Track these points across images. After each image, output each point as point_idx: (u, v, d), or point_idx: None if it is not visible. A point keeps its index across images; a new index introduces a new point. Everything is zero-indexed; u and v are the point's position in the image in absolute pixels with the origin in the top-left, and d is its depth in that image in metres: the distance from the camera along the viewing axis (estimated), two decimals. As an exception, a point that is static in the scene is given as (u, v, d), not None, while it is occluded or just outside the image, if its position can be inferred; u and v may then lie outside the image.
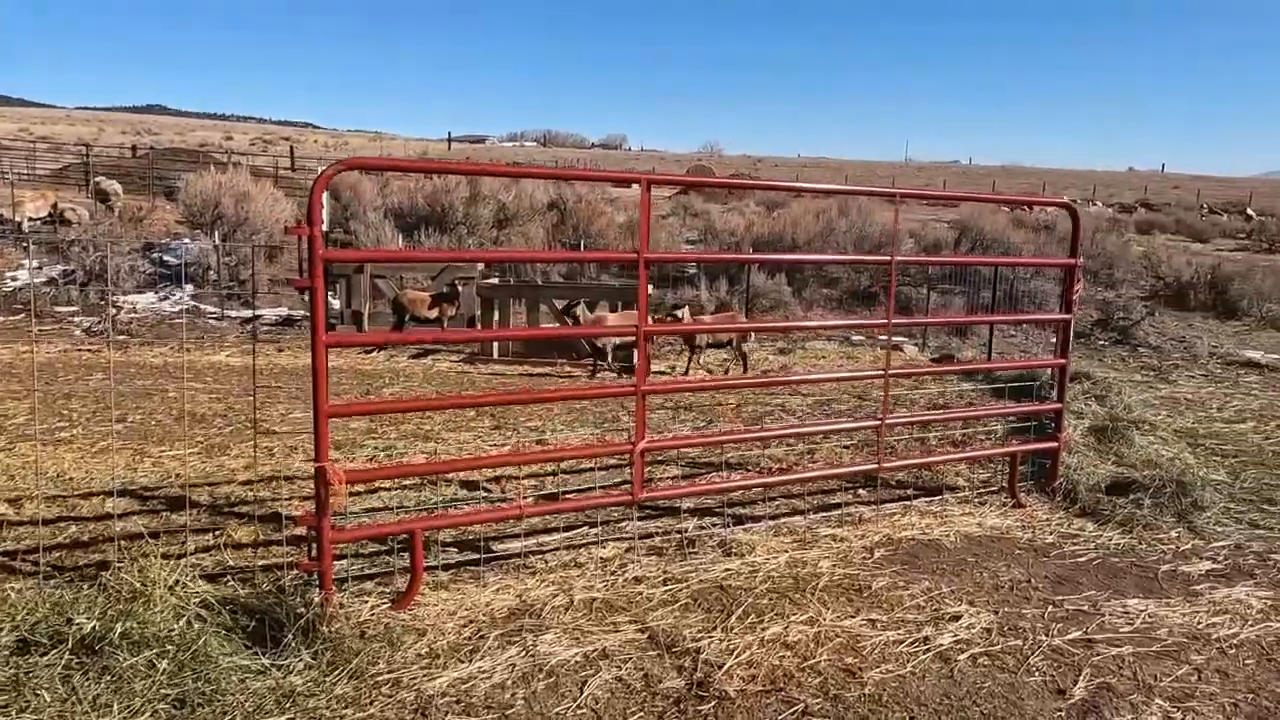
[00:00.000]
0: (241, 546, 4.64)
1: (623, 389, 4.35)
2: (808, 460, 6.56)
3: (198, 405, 7.94)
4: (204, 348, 13.34)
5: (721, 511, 5.41)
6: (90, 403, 7.75)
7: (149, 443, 6.54)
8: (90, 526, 4.84)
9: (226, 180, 18.39)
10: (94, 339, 13.82)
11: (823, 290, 17.99)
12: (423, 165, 3.99)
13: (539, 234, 20.03)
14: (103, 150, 43.70)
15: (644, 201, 4.15)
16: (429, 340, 4.35)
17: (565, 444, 6.17)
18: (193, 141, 69.78)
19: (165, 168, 31.83)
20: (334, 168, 3.62)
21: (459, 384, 9.97)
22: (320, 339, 3.61)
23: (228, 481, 5.73)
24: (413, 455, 6.44)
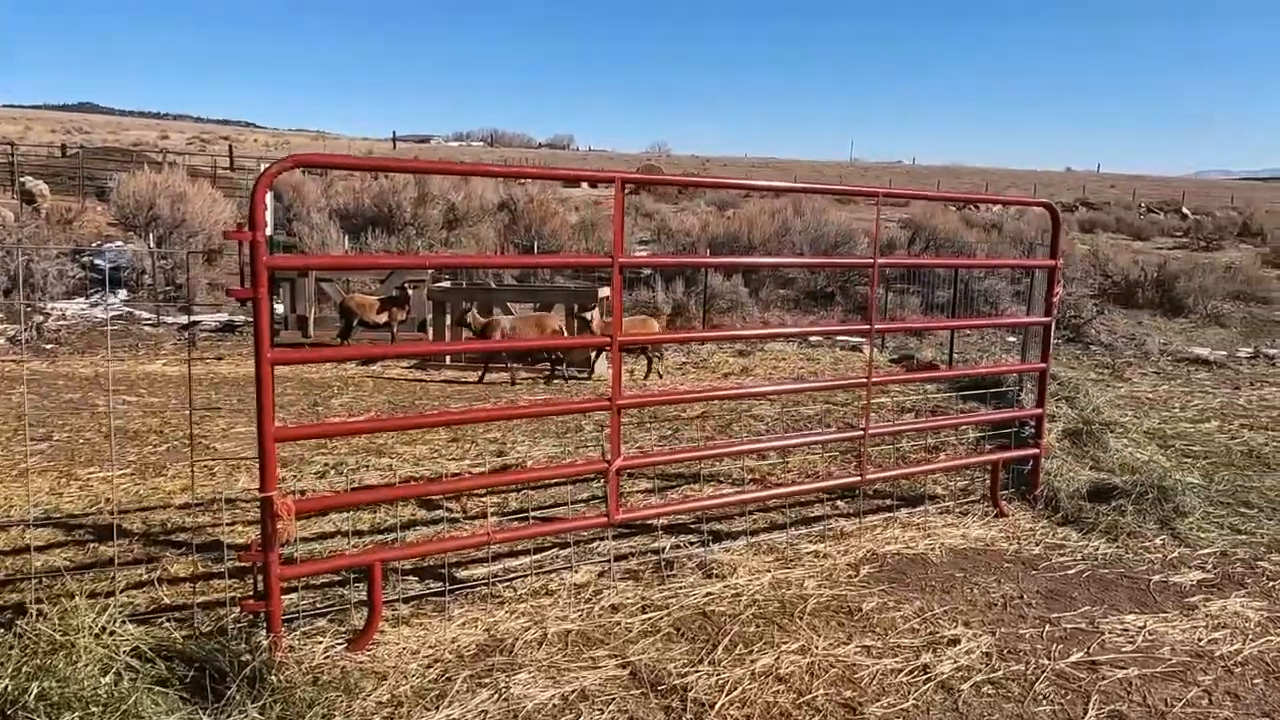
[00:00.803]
0: (179, 581, 4.24)
1: (597, 403, 4.05)
2: (782, 471, 6.32)
3: (130, 421, 7.43)
4: (138, 357, 12.68)
5: (698, 528, 5.15)
6: (11, 420, 7.20)
7: (76, 464, 6.05)
8: (8, 562, 4.39)
9: (161, 180, 17.63)
10: (18, 349, 13.06)
11: (779, 291, 17.86)
12: (371, 163, 3.66)
13: (490, 235, 19.60)
14: (30, 149, 41.99)
15: (618, 201, 3.86)
16: (378, 354, 4.02)
17: (535, 465, 5.84)
18: (126, 140, 67.64)
19: (97, 167, 30.61)
20: (278, 165, 3.26)
21: (411, 393, 9.56)
22: (265, 355, 3.25)
23: (164, 506, 5.29)
24: (365, 473, 6.05)
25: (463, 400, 8.97)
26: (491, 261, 12.63)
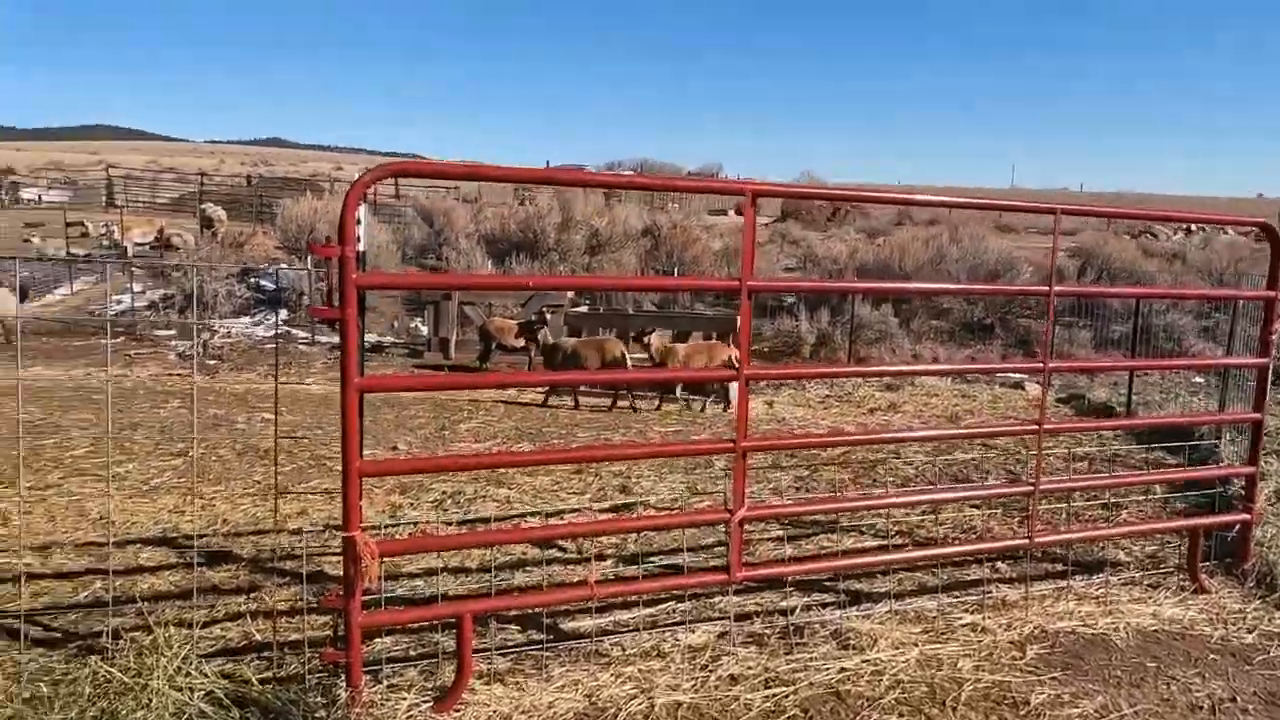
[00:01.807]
0: (275, 615, 4.03)
1: (720, 445, 3.58)
2: (932, 524, 5.63)
3: (265, 439, 7.51)
4: (290, 373, 13.14)
5: (833, 585, 4.56)
6: (155, 434, 7.40)
7: (204, 481, 6.07)
8: (118, 583, 4.32)
9: (322, 206, 18.46)
10: (186, 363, 13.81)
11: (932, 322, 16.83)
12: (466, 171, 3.35)
13: (632, 261, 19.47)
14: (221, 180, 45.49)
15: (748, 217, 3.40)
16: (467, 385, 3.68)
17: (655, 513, 5.41)
18: (305, 172, 72.47)
19: (272, 195, 32.72)
20: (371, 175, 2.99)
21: (540, 419, 9.35)
22: (352, 382, 2.97)
23: (277, 530, 5.18)
24: (482, 504, 5.79)
25: (591, 430, 8.66)
26: (615, 283, 12.41)
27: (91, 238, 21.48)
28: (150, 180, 42.61)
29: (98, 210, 32.24)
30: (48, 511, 5.31)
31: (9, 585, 4.27)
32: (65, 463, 6.38)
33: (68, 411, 8.37)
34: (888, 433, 5.83)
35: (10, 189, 35.73)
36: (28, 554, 4.62)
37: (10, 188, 35.87)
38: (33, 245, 19.90)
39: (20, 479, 4.87)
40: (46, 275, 18.32)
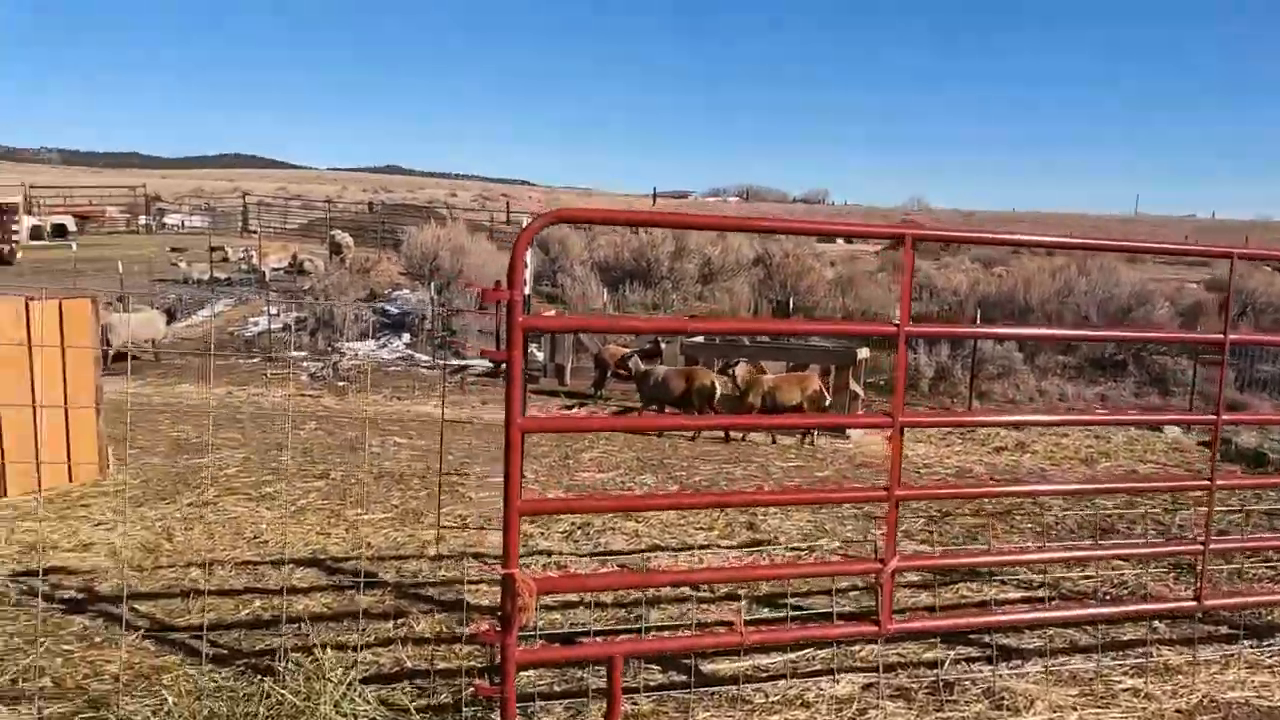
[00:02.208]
0: (423, 641, 4.14)
1: (871, 493, 3.51)
2: (1080, 576, 5.37)
3: (400, 464, 7.77)
4: (414, 397, 13.58)
5: (978, 639, 4.40)
6: (299, 455, 7.74)
7: (346, 504, 6.31)
8: (274, 602, 4.52)
9: (445, 234, 19.10)
10: (317, 384, 14.44)
11: (1059, 357, 16.17)
12: (632, 217, 3.40)
13: (744, 290, 19.43)
14: (345, 207, 47.67)
15: (907, 261, 3.34)
16: (622, 427, 3.71)
17: (796, 561, 5.33)
18: (421, 198, 75.21)
19: (394, 222, 34.07)
20: (540, 221, 3.07)
21: (660, 450, 9.37)
22: (515, 421, 3.04)
23: (417, 556, 5.33)
24: (611, 536, 5.83)
25: (712, 463, 8.64)
26: (765, 327, 12.31)
27: (231, 262, 22.79)
28: (281, 207, 44.97)
29: (234, 235, 34.22)
30: (206, 529, 5.61)
31: (178, 600, 4.53)
32: (219, 481, 6.74)
33: (217, 430, 8.85)
34: (1046, 484, 5.60)
35: (157, 215, 38.27)
36: (194, 570, 4.89)
37: (157, 214, 38.43)
38: (179, 269, 21.25)
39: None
40: (191, 298, 19.50)
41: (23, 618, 4.23)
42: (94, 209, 36.90)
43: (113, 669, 3.74)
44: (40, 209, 34.10)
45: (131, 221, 36.75)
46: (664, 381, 11.27)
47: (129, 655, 3.87)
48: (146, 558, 5.09)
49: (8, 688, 3.48)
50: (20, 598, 4.43)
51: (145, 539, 5.37)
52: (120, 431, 7.67)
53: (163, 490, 6.39)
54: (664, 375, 11.35)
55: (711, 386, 11.07)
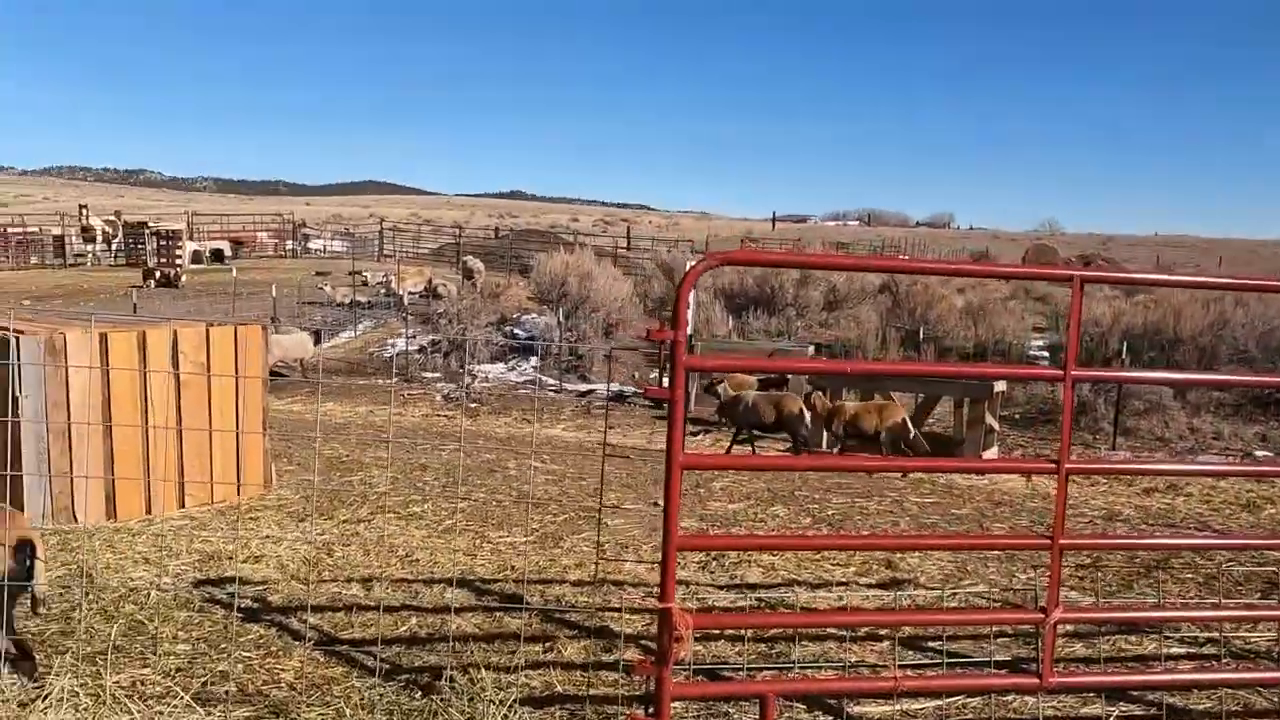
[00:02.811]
0: (571, 667, 4.26)
1: (1032, 541, 3.42)
2: (1248, 630, 5.04)
3: (536, 487, 7.99)
4: (542, 420, 13.91)
5: (1143, 696, 4.19)
6: (441, 475, 8.07)
7: (488, 526, 6.54)
8: (429, 620, 4.74)
9: (573, 260, 19.57)
10: (450, 405, 14.99)
11: (1213, 393, 15.20)
12: (797, 259, 3.43)
13: (871, 317, 19.10)
14: (473, 232, 49.41)
15: (1075, 302, 3.26)
16: (782, 467, 3.73)
17: (954, 611, 5.22)
18: (545, 223, 77.21)
19: (520, 247, 35.10)
20: (703, 264, 3.15)
21: (790, 481, 9.30)
22: (677, 459, 3.12)
23: (560, 580, 5.48)
24: (747, 569, 5.83)
25: (845, 495, 8.52)
26: (920, 370, 11.90)
27: (370, 286, 23.95)
28: (413, 231, 46.98)
29: (371, 259, 35.94)
30: (362, 546, 5.92)
31: (341, 613, 4.79)
32: (370, 499, 7.10)
33: (364, 449, 9.31)
34: (1222, 538, 5.30)
35: (303, 240, 40.60)
36: (354, 585, 5.17)
37: (302, 239, 40.77)
38: (324, 292, 22.49)
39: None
40: (334, 320, 20.59)
41: (206, 624, 4.57)
42: (247, 234, 39.47)
43: (288, 677, 4.00)
44: (200, 235, 36.73)
45: (279, 246, 39.12)
46: (753, 407, 11.25)
47: (300, 665, 4.13)
48: (310, 571, 5.41)
49: (200, 690, 3.76)
50: (203, 605, 4.79)
51: (308, 553, 5.71)
52: (279, 448, 8.18)
53: (321, 507, 6.77)
54: (753, 401, 11.33)
55: (800, 414, 11.02)
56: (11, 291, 23.02)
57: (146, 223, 34.96)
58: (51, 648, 4.08)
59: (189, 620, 4.59)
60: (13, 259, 31.61)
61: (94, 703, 3.42)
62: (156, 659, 4.10)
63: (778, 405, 11.18)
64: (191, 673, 3.98)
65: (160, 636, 4.34)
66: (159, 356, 6.31)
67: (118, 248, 33.67)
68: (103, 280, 27.31)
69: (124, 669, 3.91)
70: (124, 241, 33.63)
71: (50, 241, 33.58)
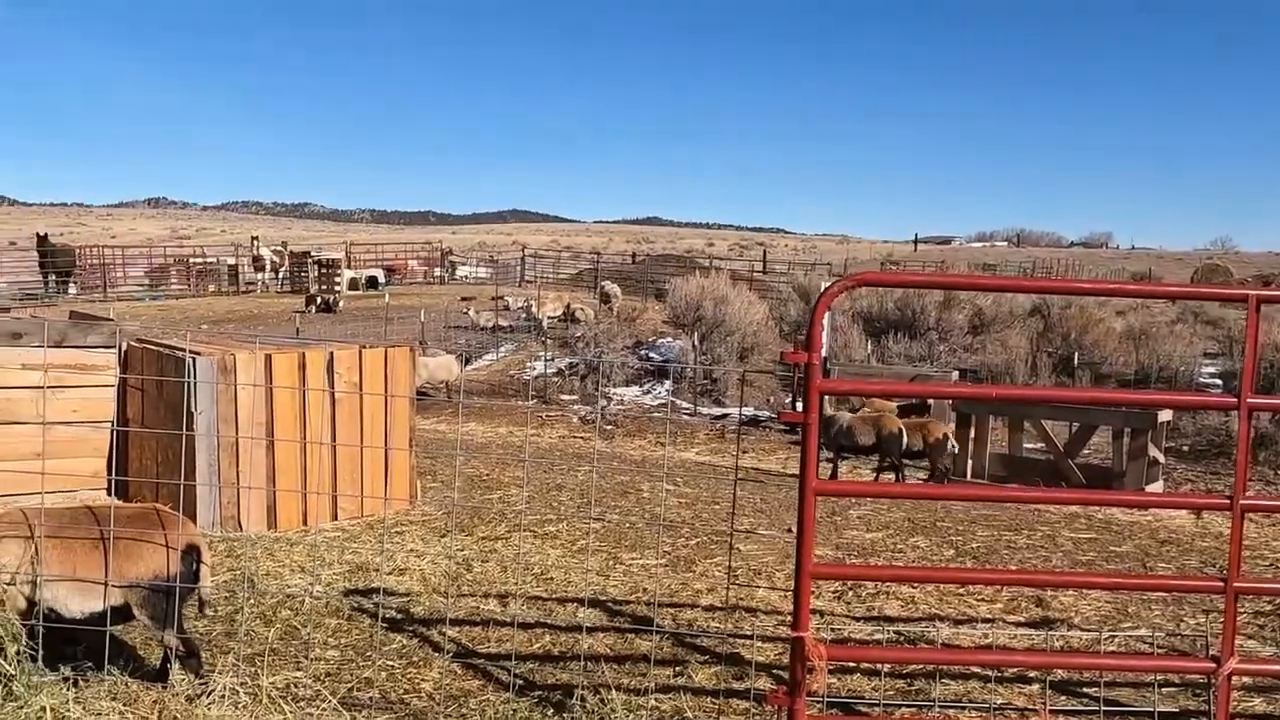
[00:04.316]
0: (701, 693, 4.21)
1: (1205, 583, 3.15)
2: None
3: (669, 510, 7.99)
4: (676, 443, 13.94)
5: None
6: (575, 495, 8.19)
7: (621, 547, 6.59)
8: (562, 638, 4.80)
9: (708, 284, 19.61)
10: (586, 427, 15.24)
11: None
12: (934, 280, 3.32)
13: (1020, 343, 18.23)
14: (610, 258, 50.32)
15: (1251, 325, 3.00)
16: (919, 496, 3.58)
17: (1117, 656, 4.89)
18: (680, 248, 77.85)
19: (656, 272, 35.46)
20: (840, 285, 3.09)
21: (931, 511, 8.95)
22: (810, 485, 3.05)
23: (691, 605, 5.44)
24: (885, 601, 5.63)
25: (991, 528, 8.12)
26: (1069, 396, 11.24)
27: (512, 310, 24.74)
28: (553, 258, 48.27)
29: (513, 285, 37.14)
30: (500, 563, 6.07)
31: (479, 628, 4.92)
32: (508, 516, 7.28)
33: (504, 468, 9.58)
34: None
35: (449, 267, 42.40)
36: (491, 600, 5.30)
37: (449, 266, 42.58)
38: (468, 316, 23.36)
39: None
40: (478, 343, 21.35)
41: (353, 631, 4.79)
42: (399, 262, 41.59)
43: (428, 687, 4.14)
44: (356, 263, 38.96)
45: (428, 273, 40.99)
46: (849, 429, 10.81)
47: (439, 676, 4.26)
48: (451, 585, 5.59)
49: (346, 695, 3.94)
50: (351, 613, 5.02)
51: (449, 568, 5.90)
52: (422, 465, 8.51)
53: (462, 523, 6.99)
54: (848, 423, 10.90)
55: (900, 434, 10.54)
56: (192, 316, 25.04)
57: (309, 252, 37.34)
58: (216, 647, 4.36)
59: (338, 627, 4.82)
60: (193, 287, 34.39)
61: (252, 701, 3.63)
62: (308, 663, 4.32)
63: (876, 425, 10.79)
64: (339, 678, 4.18)
65: (312, 642, 4.57)
66: (316, 376, 6.70)
67: (284, 276, 36.09)
68: (270, 306, 29.32)
69: (279, 671, 4.13)
70: (289, 270, 36.03)
71: (225, 271, 36.35)
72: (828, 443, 11.15)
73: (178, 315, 24.57)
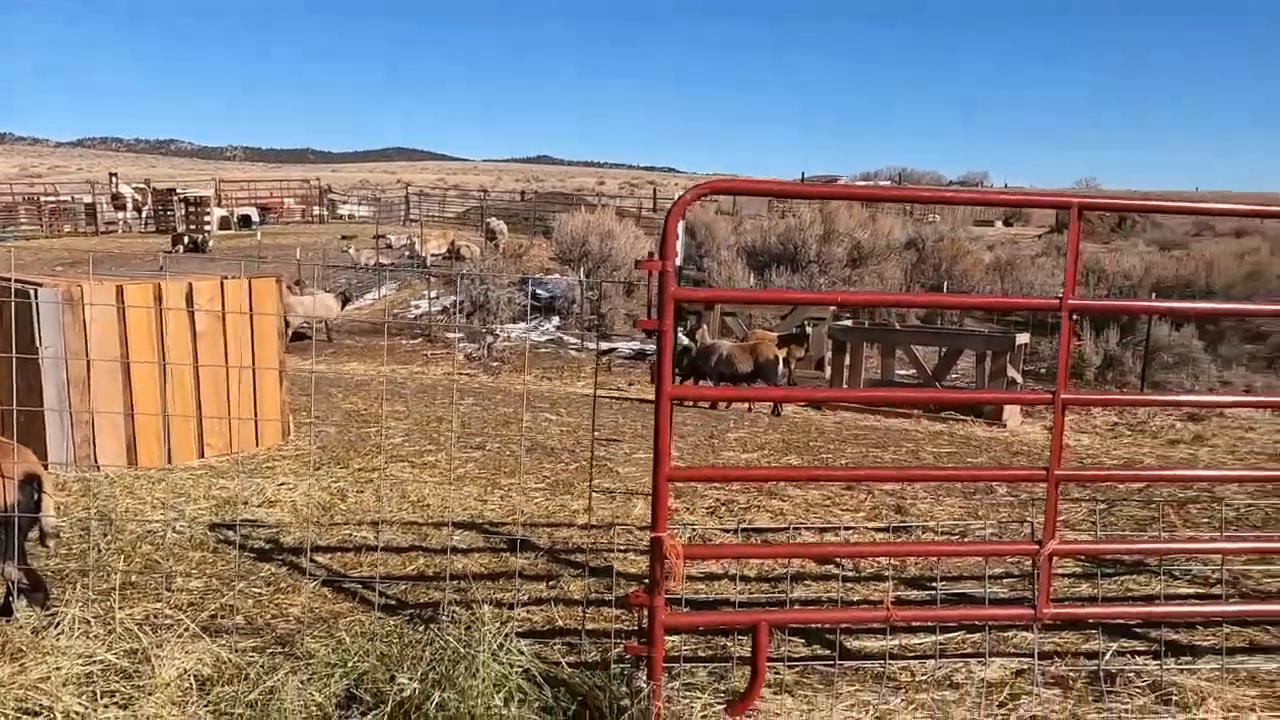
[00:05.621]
0: (573, 603, 4.32)
1: (1029, 472, 3.39)
2: (1263, 575, 4.99)
3: (550, 438, 8.05)
4: (563, 377, 13.99)
5: (1144, 634, 4.17)
6: (457, 427, 8.15)
7: (500, 474, 6.61)
8: (436, 560, 4.82)
9: (594, 220, 19.51)
10: (473, 364, 15.10)
11: (1246, 346, 14.93)
12: (782, 188, 3.40)
13: (895, 274, 18.90)
14: (499, 196, 49.36)
15: (1073, 232, 3.20)
16: (776, 398, 3.72)
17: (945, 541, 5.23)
18: (571, 186, 76.90)
19: (545, 210, 35.02)
20: (693, 192, 3.13)
21: (806, 432, 9.30)
22: (665, 390, 3.12)
23: (567, 524, 5.53)
24: (756, 514, 5.86)
25: (860, 446, 8.50)
26: (910, 300, 11.89)
27: (395, 248, 24.07)
28: (439, 196, 47.01)
29: (397, 224, 36.05)
30: (375, 492, 6.01)
31: (351, 554, 4.89)
32: (386, 449, 7.19)
33: (384, 403, 9.42)
34: (1222, 470, 5.24)
35: (330, 205, 40.81)
36: (365, 528, 5.26)
37: (330, 204, 40.98)
38: (349, 255, 22.63)
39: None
40: (359, 282, 20.74)
41: (218, 563, 4.68)
42: (274, 201, 39.73)
43: (295, 611, 4.10)
44: (228, 201, 37.02)
45: (307, 212, 39.35)
46: (729, 358, 11.15)
47: (309, 600, 4.23)
48: (324, 515, 5.51)
49: (207, 622, 3.86)
50: (216, 545, 4.90)
51: (322, 499, 5.81)
52: (298, 403, 8.29)
53: (337, 456, 6.87)
54: (728, 352, 11.23)
55: (776, 360, 10.95)
56: (46, 258, 23.40)
57: (175, 190, 35.28)
58: (68, 583, 4.19)
59: (203, 560, 4.70)
60: (46, 227, 32.08)
61: (105, 632, 3.52)
62: (170, 595, 4.21)
63: (754, 352, 11.09)
64: (202, 607, 4.09)
65: (174, 574, 4.45)
66: (175, 308, 6.40)
67: (148, 215, 34.04)
68: (133, 246, 27.68)
69: (137, 603, 4.01)
70: (154, 209, 33.99)
71: (82, 210, 34.02)
72: (709, 371, 11.37)
73: (30, 257, 22.92)
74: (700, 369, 11.36)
